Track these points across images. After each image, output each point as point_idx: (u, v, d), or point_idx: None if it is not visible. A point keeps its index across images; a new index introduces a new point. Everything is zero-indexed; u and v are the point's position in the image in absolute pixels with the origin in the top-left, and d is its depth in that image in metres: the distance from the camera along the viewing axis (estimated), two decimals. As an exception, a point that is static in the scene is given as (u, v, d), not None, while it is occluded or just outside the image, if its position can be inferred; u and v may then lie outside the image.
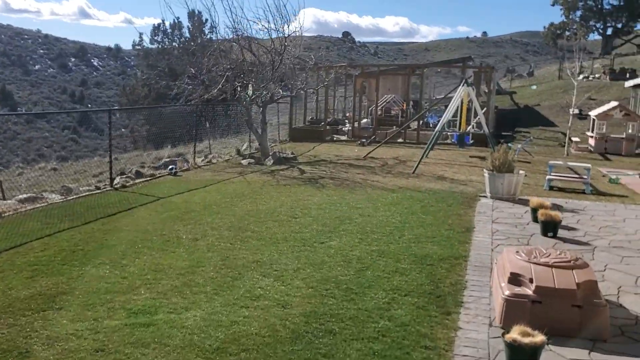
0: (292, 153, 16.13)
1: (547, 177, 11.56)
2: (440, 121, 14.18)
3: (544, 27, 61.61)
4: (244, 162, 15.24)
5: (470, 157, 17.18)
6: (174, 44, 60.14)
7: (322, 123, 24.45)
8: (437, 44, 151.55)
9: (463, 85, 13.44)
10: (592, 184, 11.92)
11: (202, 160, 15.67)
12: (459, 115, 17.35)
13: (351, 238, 7.30)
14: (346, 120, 26.31)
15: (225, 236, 7.30)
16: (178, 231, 7.55)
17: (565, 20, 59.48)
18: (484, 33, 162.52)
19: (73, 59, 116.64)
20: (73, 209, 9.05)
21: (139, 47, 63.38)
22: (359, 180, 12.10)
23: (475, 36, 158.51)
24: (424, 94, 28.38)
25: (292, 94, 17.81)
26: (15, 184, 12.84)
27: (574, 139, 21.02)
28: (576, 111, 23.21)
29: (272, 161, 14.92)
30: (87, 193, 10.70)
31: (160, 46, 60.16)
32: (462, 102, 14.65)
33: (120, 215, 8.55)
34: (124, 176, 12.35)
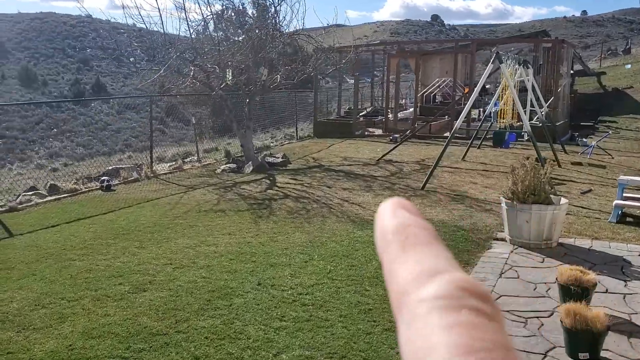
0: (284, 157, 12.66)
1: (616, 201, 7.38)
2: (462, 113, 10.11)
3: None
4: (221, 169, 11.97)
5: (527, 159, 12.95)
6: (239, 31, 58.28)
7: (359, 115, 20.82)
8: (531, 24, 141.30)
9: (494, 61, 9.31)
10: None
11: (170, 166, 12.54)
12: (512, 103, 13.14)
13: (179, 358, 3.81)
14: (389, 110, 22.36)
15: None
16: None
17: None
18: (584, 12, 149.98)
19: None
20: None
21: (203, 36, 62.08)
22: (334, 203, 8.46)
23: (573, 15, 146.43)
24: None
25: (294, 81, 14.27)
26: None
27: (674, 131, 16.07)
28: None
29: (251, 168, 11.56)
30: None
31: (224, 34, 58.49)
32: (504, 86, 10.59)
33: None
34: (31, 193, 9.41)
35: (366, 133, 18.76)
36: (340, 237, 6.58)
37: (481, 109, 19.03)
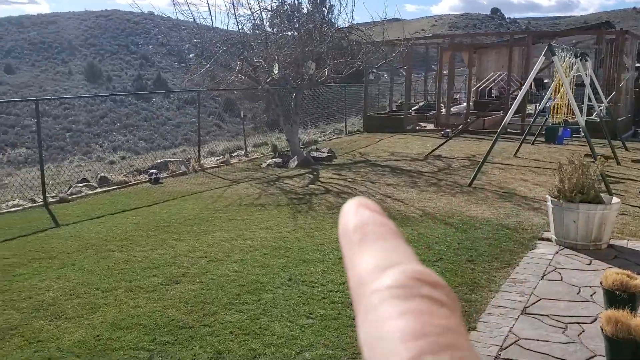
0: (330, 151, 12.58)
1: (677, 202, 6.92)
2: (512, 108, 9.74)
3: None
4: (267, 163, 12.02)
5: (586, 155, 12.39)
6: (291, 26, 58.32)
7: (411, 109, 20.52)
8: (597, 16, 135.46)
9: (546, 53, 8.85)
10: None
11: (218, 160, 12.69)
12: (565, 97, 12.60)
13: (202, 352, 3.81)
14: (442, 105, 21.89)
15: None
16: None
17: None
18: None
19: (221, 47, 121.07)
20: None
21: (258, 32, 62.48)
22: (376, 199, 8.31)
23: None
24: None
25: (342, 75, 14.14)
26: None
27: None
28: None
29: (295, 163, 11.55)
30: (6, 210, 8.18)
31: (277, 30, 58.73)
32: (556, 80, 10.14)
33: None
34: (81, 184, 9.71)
35: (417, 128, 18.45)
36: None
37: (537, 104, 18.37)
